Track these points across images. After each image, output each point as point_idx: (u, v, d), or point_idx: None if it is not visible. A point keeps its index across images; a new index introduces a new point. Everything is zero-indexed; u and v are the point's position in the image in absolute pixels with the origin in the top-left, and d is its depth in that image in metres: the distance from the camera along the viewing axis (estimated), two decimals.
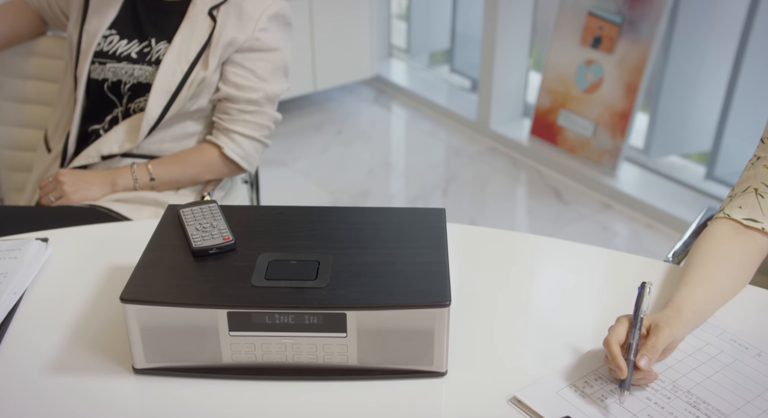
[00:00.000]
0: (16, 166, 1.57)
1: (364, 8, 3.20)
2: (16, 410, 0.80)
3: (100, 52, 1.33)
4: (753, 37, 2.42)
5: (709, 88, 2.69)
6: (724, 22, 2.57)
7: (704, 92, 2.72)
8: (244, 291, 0.83)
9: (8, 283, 0.93)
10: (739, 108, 2.55)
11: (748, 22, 2.42)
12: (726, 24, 2.56)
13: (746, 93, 2.52)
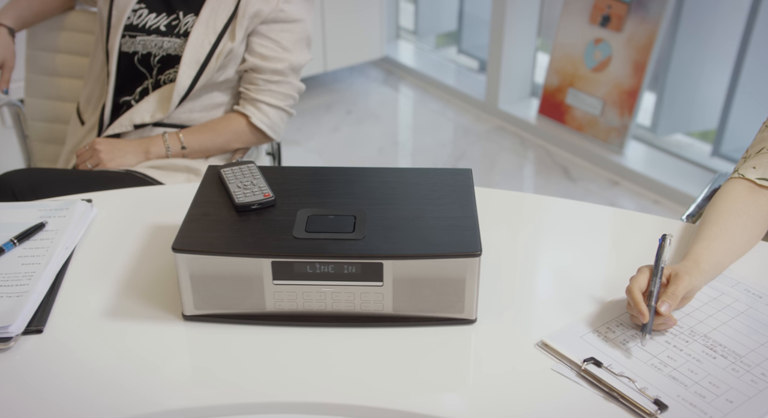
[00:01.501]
0: (47, 138, 1.61)
1: None
2: (74, 354, 0.86)
3: (129, 25, 1.37)
4: (760, 15, 2.45)
5: (716, 67, 2.72)
6: (731, 1, 2.60)
7: (711, 71, 2.75)
8: (286, 242, 0.88)
9: (59, 239, 0.98)
10: (746, 86, 2.58)
11: (755, 2, 2.45)
12: (733, 3, 2.59)
13: (753, 71, 2.55)
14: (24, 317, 0.86)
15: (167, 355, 0.86)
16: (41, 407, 0.78)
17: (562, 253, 1.06)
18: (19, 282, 0.91)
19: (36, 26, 1.51)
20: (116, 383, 0.82)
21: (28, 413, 0.78)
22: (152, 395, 0.80)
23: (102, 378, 0.82)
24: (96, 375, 0.83)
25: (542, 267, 1.03)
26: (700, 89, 2.80)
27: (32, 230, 0.99)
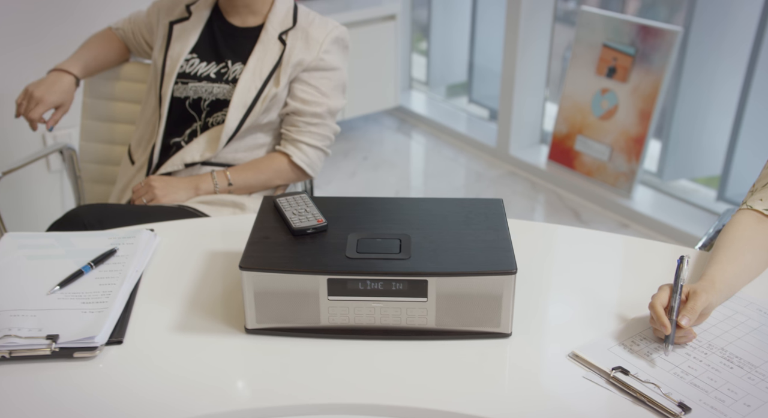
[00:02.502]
0: (97, 179, 1.73)
1: (390, 45, 3.40)
2: (151, 362, 0.94)
3: (182, 73, 1.50)
4: (759, 65, 2.59)
5: (719, 115, 2.85)
6: (731, 53, 2.74)
7: (714, 119, 2.88)
8: (340, 262, 0.98)
9: (130, 263, 1.08)
10: (748, 133, 2.70)
11: (754, 53, 2.59)
12: (733, 55, 2.74)
13: (754, 119, 2.68)
14: (106, 330, 0.95)
15: (232, 363, 0.95)
16: (123, 407, 0.87)
17: (586, 275, 1.15)
18: (99, 300, 1.00)
19: (94, 77, 1.64)
20: (187, 387, 0.90)
21: (113, 412, 0.86)
22: (219, 398, 0.89)
23: (174, 383, 0.91)
24: (169, 380, 0.91)
25: (569, 288, 1.12)
26: (704, 136, 2.93)
27: (106, 255, 1.09)
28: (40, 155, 1.67)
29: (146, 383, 0.91)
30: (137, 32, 1.63)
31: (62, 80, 1.51)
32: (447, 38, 3.88)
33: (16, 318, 0.96)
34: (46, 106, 1.48)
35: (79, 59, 1.56)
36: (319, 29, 1.49)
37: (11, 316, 0.96)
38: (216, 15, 1.53)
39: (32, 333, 0.93)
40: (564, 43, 3.41)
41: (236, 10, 1.51)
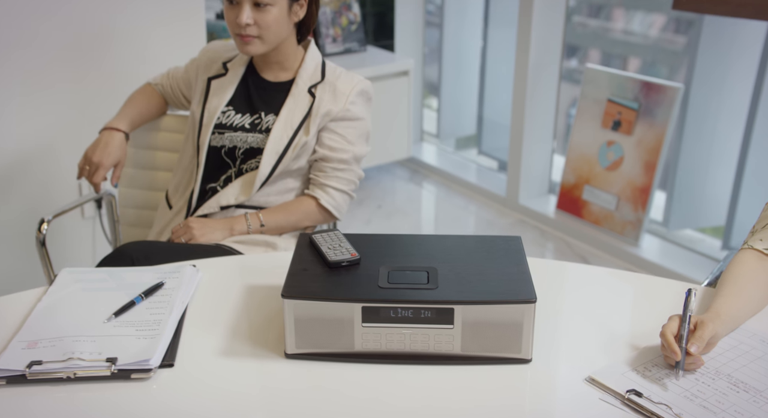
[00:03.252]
0: (134, 223, 1.84)
1: (403, 99, 3.56)
2: (199, 383, 1.02)
3: (219, 124, 1.62)
4: (758, 121, 2.71)
5: (721, 167, 2.96)
6: (731, 107, 2.87)
7: (717, 170, 2.98)
8: (373, 291, 1.07)
9: (176, 295, 1.17)
10: (750, 184, 2.81)
11: (752, 107, 2.72)
12: (733, 109, 2.86)
13: (756, 171, 2.78)
14: (159, 354, 1.04)
15: (273, 386, 1.03)
16: None
17: (599, 307, 1.23)
18: (150, 327, 1.09)
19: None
20: (232, 407, 0.98)
21: None
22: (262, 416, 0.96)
23: (221, 403, 0.99)
24: (216, 400, 0.99)
25: (583, 318, 1.20)
26: (708, 187, 3.03)
27: (155, 288, 1.18)
28: (83, 200, 1.78)
29: (195, 403, 0.98)
30: (175, 87, 1.76)
31: (114, 139, 1.63)
32: (456, 93, 4.04)
33: (78, 343, 1.04)
34: (105, 168, 1.61)
35: (126, 116, 1.69)
36: (345, 83, 1.62)
37: (73, 341, 1.04)
38: (250, 71, 1.66)
39: (93, 356, 1.02)
40: (567, 101, 3.56)
41: (269, 66, 1.64)
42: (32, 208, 2.23)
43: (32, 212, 2.23)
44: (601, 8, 3.53)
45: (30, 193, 2.22)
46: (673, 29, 3.26)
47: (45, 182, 2.23)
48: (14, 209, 2.21)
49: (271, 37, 1.55)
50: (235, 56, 1.68)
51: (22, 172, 2.18)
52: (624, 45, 3.44)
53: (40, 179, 2.22)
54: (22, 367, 0.99)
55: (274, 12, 1.52)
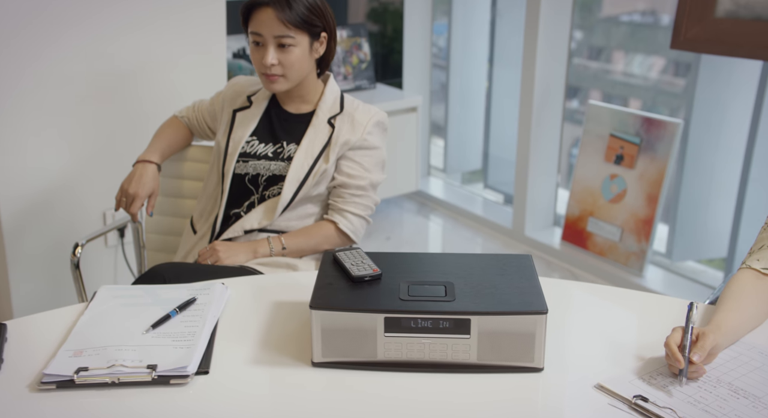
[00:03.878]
0: (159, 248, 1.93)
1: (411, 134, 3.67)
2: (233, 389, 1.09)
3: (243, 153, 1.72)
4: (756, 155, 2.81)
5: (722, 200, 3.04)
6: (729, 142, 2.97)
7: (717, 203, 3.07)
8: (395, 303, 1.14)
9: (208, 309, 1.25)
10: (750, 217, 2.88)
11: (750, 142, 2.82)
12: (731, 143, 2.96)
13: (755, 203, 2.87)
14: (195, 361, 1.11)
15: (301, 392, 1.10)
16: None
17: (606, 321, 1.30)
18: (185, 338, 1.17)
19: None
20: (262, 411, 1.05)
21: None
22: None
23: (252, 407, 1.06)
24: (248, 405, 1.06)
25: (591, 331, 1.27)
26: (709, 220, 3.11)
27: (188, 303, 1.26)
28: (116, 225, 1.88)
29: (229, 408, 1.05)
30: (201, 118, 1.86)
31: (148, 171, 1.73)
32: (462, 130, 4.16)
33: (120, 352, 1.12)
34: (141, 199, 1.71)
35: (157, 148, 1.79)
36: (363, 114, 1.72)
37: (116, 350, 1.12)
38: (273, 104, 1.77)
39: (135, 363, 1.09)
40: (569, 141, 3.66)
41: (291, 99, 1.75)
42: (58, 236, 2.32)
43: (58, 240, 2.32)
44: (601, 51, 3.67)
45: (57, 222, 2.31)
46: (672, 72, 3.38)
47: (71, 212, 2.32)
48: (42, 236, 2.30)
49: (295, 74, 1.66)
50: (259, 90, 1.78)
51: (50, 202, 2.28)
52: (624, 86, 3.56)
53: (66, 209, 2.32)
54: (70, 373, 1.07)
55: (296, 52, 1.63)
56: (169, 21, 2.29)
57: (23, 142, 2.16)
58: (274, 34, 1.60)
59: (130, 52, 2.26)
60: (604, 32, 3.57)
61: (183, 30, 2.32)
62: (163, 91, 2.34)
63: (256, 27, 1.62)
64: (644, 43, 3.43)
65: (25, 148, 2.17)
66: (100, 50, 2.20)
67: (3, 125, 2.10)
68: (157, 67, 2.32)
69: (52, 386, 1.07)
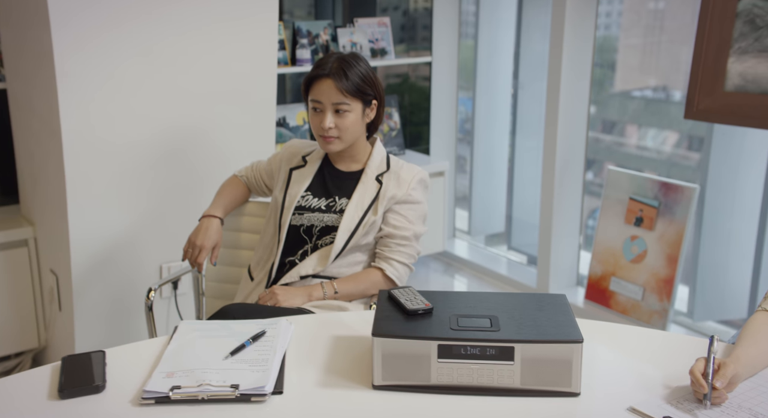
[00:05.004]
0: (217, 295, 2.09)
1: (438, 197, 3.87)
2: (301, 410, 1.24)
3: (299, 206, 1.90)
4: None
5: (739, 261, 3.17)
6: (744, 206, 3.12)
7: (735, 265, 3.19)
8: (446, 332, 1.29)
9: (277, 341, 1.41)
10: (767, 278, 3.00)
11: (764, 205, 2.97)
12: (746, 207, 3.11)
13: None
14: (271, 383, 1.26)
15: (362, 412, 1.24)
16: None
17: (634, 354, 1.44)
18: (260, 364, 1.32)
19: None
20: None
21: None
22: None
23: None
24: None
25: (622, 363, 1.40)
26: (728, 281, 3.22)
27: (259, 335, 1.42)
28: (183, 272, 2.06)
29: None
30: (258, 177, 2.06)
31: (213, 225, 1.93)
32: (486, 195, 4.35)
33: (206, 374, 1.27)
34: (207, 250, 1.89)
35: (220, 204, 1.99)
36: (407, 172, 1.91)
37: (202, 372, 1.28)
38: (326, 163, 1.96)
39: (220, 383, 1.24)
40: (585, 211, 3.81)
41: (342, 159, 1.95)
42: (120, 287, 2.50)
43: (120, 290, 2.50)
44: (614, 124, 3.86)
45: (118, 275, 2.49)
46: (686, 146, 3.55)
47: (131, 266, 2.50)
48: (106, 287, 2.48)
49: (349, 136, 1.86)
50: (312, 151, 1.98)
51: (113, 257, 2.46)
52: (639, 159, 3.72)
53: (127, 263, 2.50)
54: (166, 390, 1.22)
55: (351, 117, 1.84)
56: (224, 94, 2.53)
57: (93, 203, 2.37)
58: (332, 101, 1.82)
59: (188, 121, 2.48)
60: (617, 107, 3.77)
61: (237, 101, 2.56)
62: (214, 157, 2.56)
63: (316, 95, 1.84)
64: (657, 118, 3.62)
65: (94, 208, 2.37)
66: (163, 119, 2.43)
67: (76, 187, 2.31)
68: (211, 135, 2.55)
69: (151, 401, 1.22)
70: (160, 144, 2.43)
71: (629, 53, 3.67)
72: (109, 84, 2.29)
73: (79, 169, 2.30)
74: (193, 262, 1.90)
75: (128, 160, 2.39)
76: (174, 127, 2.45)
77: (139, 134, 2.39)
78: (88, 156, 2.31)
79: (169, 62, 2.37)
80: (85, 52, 2.22)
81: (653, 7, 3.52)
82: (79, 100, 2.25)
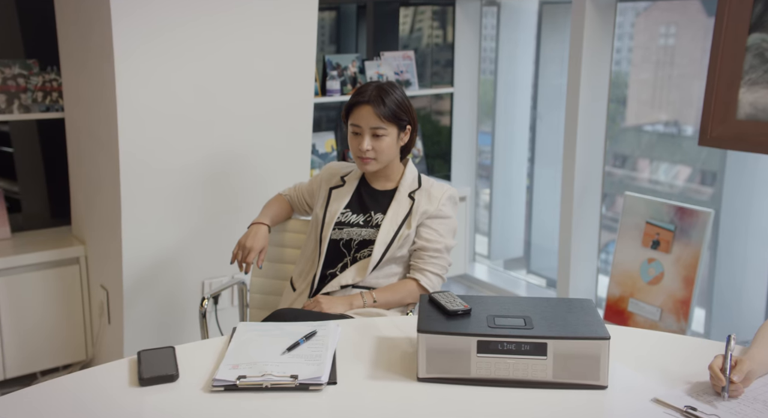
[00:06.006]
0: (260, 306, 2.24)
1: (461, 222, 4.00)
2: (355, 396, 1.36)
3: (339, 222, 2.05)
4: None
5: (755, 283, 3.27)
6: (758, 229, 3.23)
7: (751, 286, 3.29)
8: (484, 329, 1.42)
9: (328, 339, 1.54)
10: None
11: None
12: (760, 230, 3.22)
13: None
14: (326, 374, 1.40)
15: (408, 402, 1.36)
16: None
17: (656, 353, 1.55)
18: (314, 359, 1.45)
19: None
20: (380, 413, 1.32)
21: None
22: None
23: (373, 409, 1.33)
24: (370, 407, 1.34)
25: (644, 360, 1.52)
26: (744, 302, 3.32)
27: (311, 334, 1.56)
28: (233, 282, 2.22)
29: (355, 409, 1.33)
30: (300, 196, 2.22)
31: (261, 230, 2.08)
32: (505, 220, 4.49)
33: (268, 366, 1.41)
34: (255, 252, 2.04)
35: (267, 214, 2.16)
36: (438, 189, 2.06)
37: (264, 364, 1.41)
38: (362, 182, 2.12)
39: (281, 373, 1.38)
40: None
41: (378, 178, 2.10)
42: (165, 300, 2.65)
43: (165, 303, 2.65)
44: (626, 159, 3.98)
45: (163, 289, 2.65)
46: (698, 180, 3.67)
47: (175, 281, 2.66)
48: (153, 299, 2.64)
49: (385, 158, 2.02)
50: (350, 172, 2.14)
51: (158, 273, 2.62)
52: (651, 193, 3.82)
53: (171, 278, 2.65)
54: (233, 379, 1.36)
55: (387, 140, 1.99)
56: (265, 122, 2.70)
57: (145, 222, 2.54)
58: (371, 125, 1.98)
59: (231, 146, 2.65)
60: (629, 141, 3.90)
61: (277, 129, 2.74)
62: (254, 180, 2.73)
63: (356, 120, 2.00)
64: (669, 152, 3.74)
65: (145, 227, 2.54)
66: (209, 144, 2.60)
67: (130, 207, 2.48)
68: (251, 160, 2.72)
69: (220, 388, 1.36)
70: (206, 167, 2.60)
71: (640, 88, 3.80)
72: (163, 112, 2.47)
73: (134, 190, 2.47)
74: (241, 263, 2.04)
75: (177, 182, 2.56)
76: (219, 152, 2.62)
77: (188, 158, 2.56)
78: (142, 178, 2.48)
79: (217, 94, 2.56)
80: (145, 83, 2.40)
81: (663, 43, 3.67)
82: (137, 126, 2.43)
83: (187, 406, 1.32)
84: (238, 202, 2.70)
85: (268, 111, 2.68)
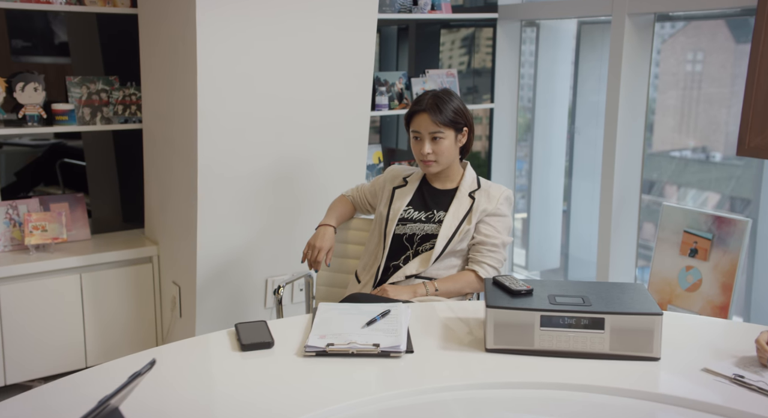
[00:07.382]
0: (326, 298, 2.41)
1: None
2: (427, 365, 1.52)
3: (402, 218, 2.22)
4: None
5: None
6: None
7: None
8: (547, 305, 1.57)
9: (401, 317, 1.70)
10: None
11: None
12: None
13: None
14: (404, 343, 1.56)
15: (478, 369, 1.52)
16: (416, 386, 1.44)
17: (704, 332, 1.69)
18: (391, 332, 1.61)
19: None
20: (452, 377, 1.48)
21: (419, 388, 1.43)
22: (471, 383, 1.46)
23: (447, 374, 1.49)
24: (444, 373, 1.49)
25: (692, 337, 1.66)
26: None
27: (386, 312, 1.72)
28: (300, 275, 2.39)
29: (430, 373, 1.49)
30: (363, 197, 2.40)
31: (328, 231, 2.27)
32: (543, 232, 4.62)
33: (352, 336, 1.58)
34: (324, 251, 2.22)
35: (333, 216, 2.34)
36: (495, 190, 2.23)
37: (348, 335, 1.58)
38: (424, 182, 2.29)
39: (364, 342, 1.54)
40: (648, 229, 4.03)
41: (439, 179, 2.27)
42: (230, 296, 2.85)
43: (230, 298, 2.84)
44: (653, 184, 4.07)
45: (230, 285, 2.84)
46: (727, 207, 3.76)
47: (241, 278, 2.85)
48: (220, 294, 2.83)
49: (445, 160, 2.19)
50: (412, 173, 2.32)
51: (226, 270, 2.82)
52: None
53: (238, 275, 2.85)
54: (323, 346, 1.53)
55: (446, 143, 2.17)
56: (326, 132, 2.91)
57: (217, 223, 2.75)
58: (429, 130, 2.16)
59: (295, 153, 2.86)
60: (656, 166, 3.99)
61: (336, 138, 2.94)
62: (314, 185, 2.93)
63: (416, 127, 2.18)
64: (697, 178, 3.84)
65: (217, 228, 2.76)
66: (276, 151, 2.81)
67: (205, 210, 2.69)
68: (313, 166, 2.92)
69: (312, 354, 1.53)
70: (272, 173, 2.80)
71: (667, 114, 3.91)
72: (237, 127, 2.68)
73: (208, 194, 2.68)
74: (311, 262, 2.22)
75: (247, 187, 2.76)
76: (285, 159, 2.83)
77: (257, 164, 2.77)
78: (216, 183, 2.70)
79: (286, 109, 2.77)
80: (223, 101, 2.62)
81: (690, 69, 3.79)
82: (214, 136, 2.65)
83: (285, 367, 1.49)
84: (300, 206, 2.89)
85: (330, 123, 2.89)
